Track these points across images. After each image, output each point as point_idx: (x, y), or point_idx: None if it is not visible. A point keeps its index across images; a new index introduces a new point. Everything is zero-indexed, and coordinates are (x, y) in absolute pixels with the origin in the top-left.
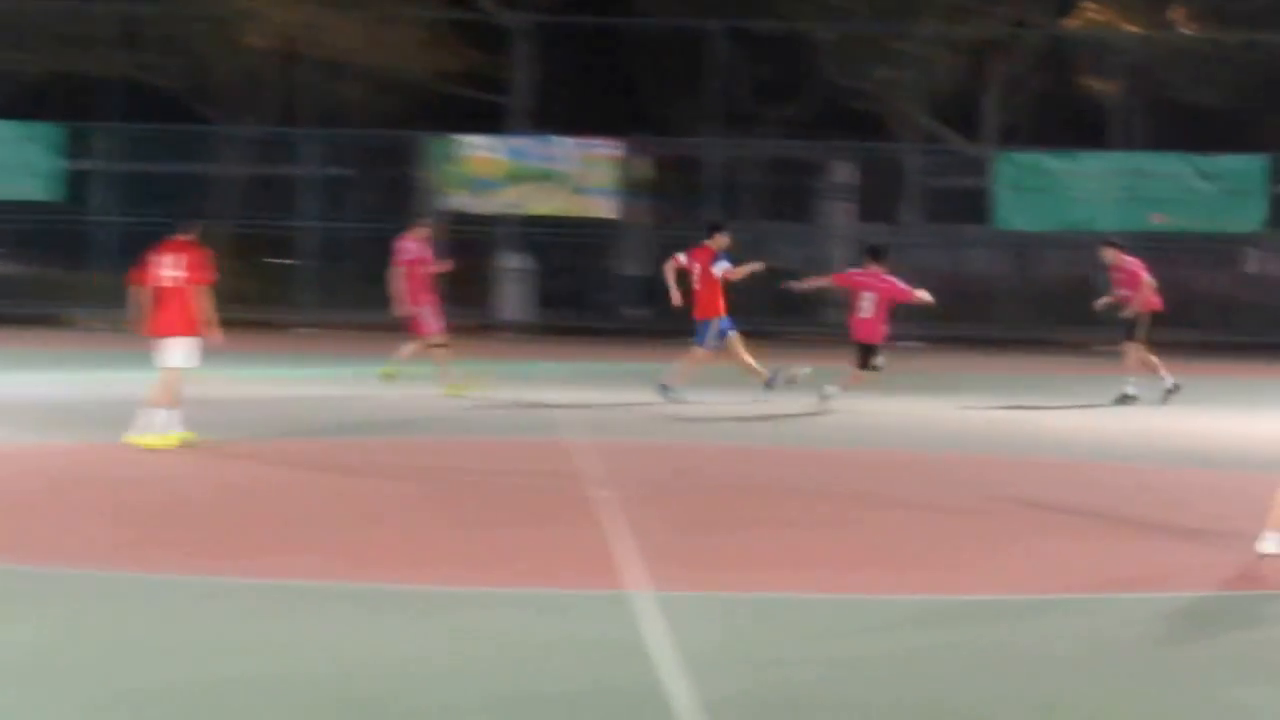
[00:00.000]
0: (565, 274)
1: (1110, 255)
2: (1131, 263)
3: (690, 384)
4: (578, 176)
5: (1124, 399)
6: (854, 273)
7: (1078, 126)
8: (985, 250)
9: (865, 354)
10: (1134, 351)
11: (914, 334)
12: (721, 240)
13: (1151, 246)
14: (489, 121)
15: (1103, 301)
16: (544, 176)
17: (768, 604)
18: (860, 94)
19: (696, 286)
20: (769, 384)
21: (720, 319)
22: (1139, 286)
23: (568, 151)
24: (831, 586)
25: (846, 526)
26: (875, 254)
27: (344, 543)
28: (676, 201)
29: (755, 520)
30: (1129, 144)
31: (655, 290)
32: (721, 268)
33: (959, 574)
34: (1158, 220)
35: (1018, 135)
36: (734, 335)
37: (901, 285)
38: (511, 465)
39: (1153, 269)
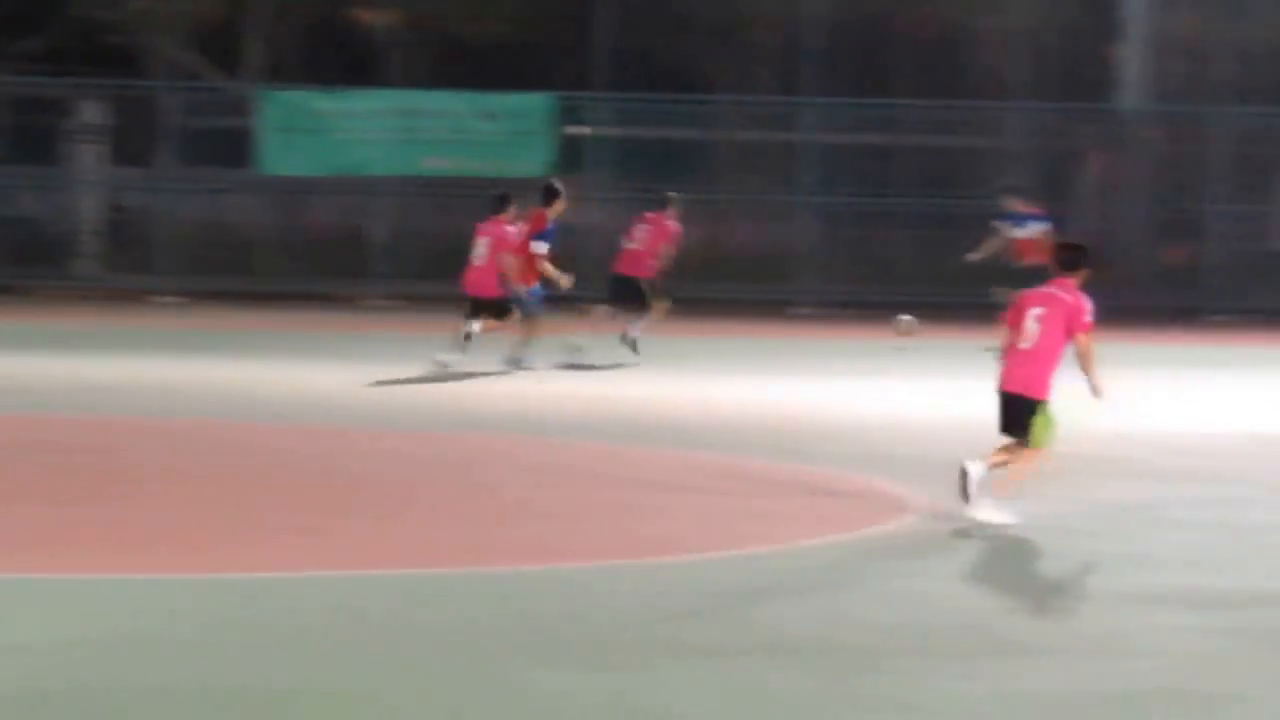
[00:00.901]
0: None
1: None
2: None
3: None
4: None
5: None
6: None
7: (350, 63)
8: (249, 197)
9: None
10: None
11: (170, 288)
12: (559, 207)
13: (429, 192)
14: None
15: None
16: None
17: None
18: (112, 26)
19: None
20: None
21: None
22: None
23: None
24: (75, 567)
25: (100, 503)
26: (500, 203)
27: None
28: None
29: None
30: (407, 81)
31: None
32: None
33: (213, 553)
34: (435, 164)
35: (285, 72)
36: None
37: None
38: None
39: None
